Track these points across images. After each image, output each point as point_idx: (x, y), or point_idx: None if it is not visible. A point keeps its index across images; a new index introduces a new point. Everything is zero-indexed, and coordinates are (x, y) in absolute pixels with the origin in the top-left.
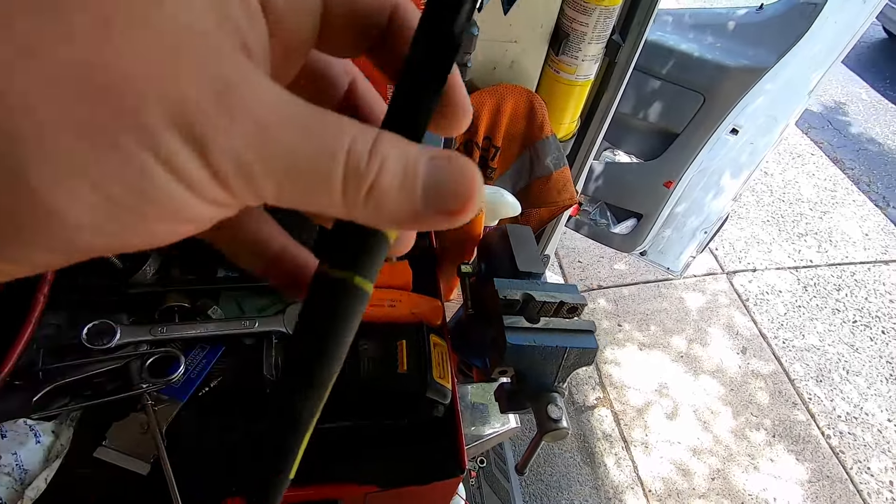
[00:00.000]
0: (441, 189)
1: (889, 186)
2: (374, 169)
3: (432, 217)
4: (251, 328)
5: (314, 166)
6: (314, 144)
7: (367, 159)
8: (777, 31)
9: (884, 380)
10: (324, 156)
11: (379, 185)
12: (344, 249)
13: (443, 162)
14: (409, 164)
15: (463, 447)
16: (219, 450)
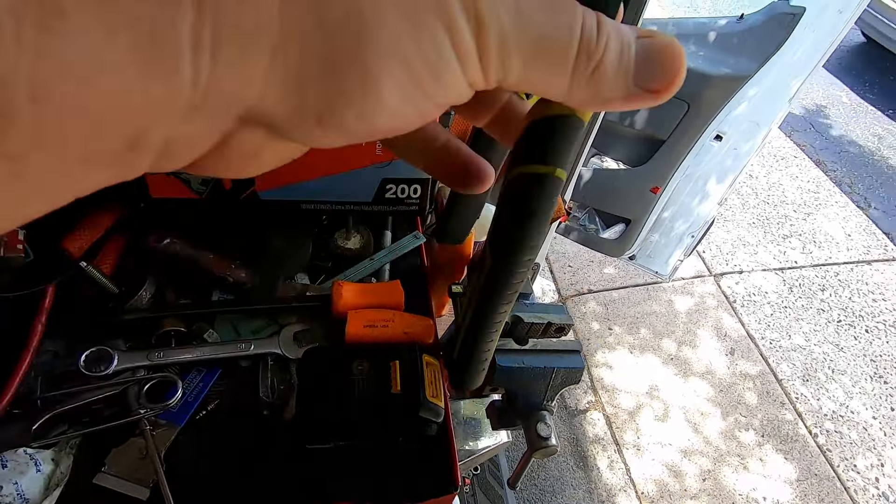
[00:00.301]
0: (650, 68)
1: (870, 187)
2: (602, 47)
3: (641, 95)
4: (247, 351)
5: (556, 45)
6: (557, 24)
7: (595, 38)
8: (758, 40)
9: (868, 378)
10: (564, 35)
11: (602, 65)
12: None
13: (649, 41)
14: (624, 43)
15: (456, 464)
16: (217, 472)
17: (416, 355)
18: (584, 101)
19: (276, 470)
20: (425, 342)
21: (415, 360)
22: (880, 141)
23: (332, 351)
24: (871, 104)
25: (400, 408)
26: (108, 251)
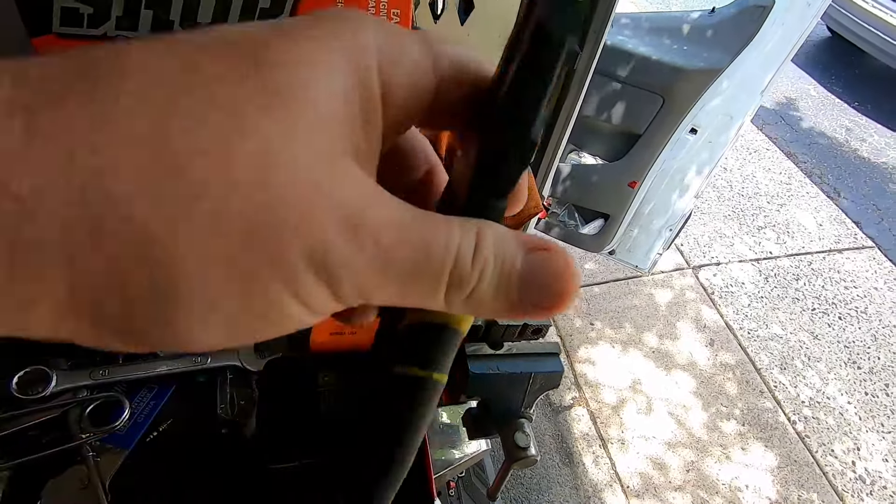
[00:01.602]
0: (536, 288)
1: (839, 178)
2: (476, 276)
3: (527, 311)
4: (203, 364)
5: (424, 280)
6: (425, 260)
7: (469, 268)
8: (729, 33)
9: (842, 364)
10: (433, 270)
11: (477, 291)
12: (422, 351)
13: (538, 258)
14: (505, 267)
15: (431, 479)
16: (170, 500)
17: None
18: (464, 314)
19: (237, 494)
20: None
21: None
22: (848, 132)
23: (296, 362)
24: (838, 97)
25: None
26: None
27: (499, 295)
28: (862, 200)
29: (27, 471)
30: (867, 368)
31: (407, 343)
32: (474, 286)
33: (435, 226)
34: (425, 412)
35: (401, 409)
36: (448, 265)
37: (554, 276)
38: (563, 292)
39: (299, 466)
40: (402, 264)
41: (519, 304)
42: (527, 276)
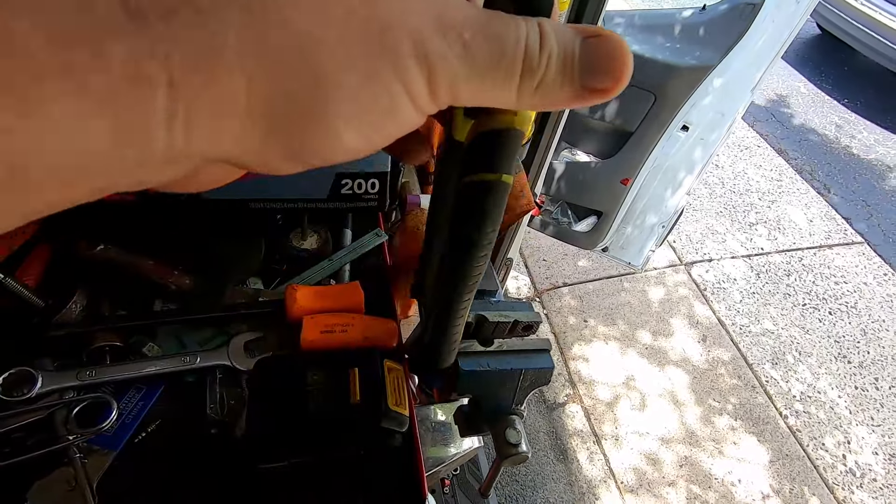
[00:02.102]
0: (596, 68)
1: (829, 174)
2: (544, 63)
3: (588, 95)
4: (192, 364)
5: (501, 72)
6: (501, 52)
7: (537, 55)
8: (720, 30)
9: (833, 358)
10: (508, 60)
11: (546, 78)
12: (489, 156)
13: (593, 42)
14: (567, 52)
15: (423, 477)
16: (158, 501)
17: (377, 361)
18: (532, 107)
19: (226, 494)
20: (387, 346)
21: (375, 367)
22: (838, 129)
23: (286, 360)
24: (828, 94)
25: (360, 419)
26: (32, 261)
27: (564, 80)
28: (852, 196)
29: (13, 473)
30: (857, 363)
31: (474, 152)
32: (543, 73)
33: (506, 22)
34: (495, 214)
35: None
36: (520, 54)
37: (609, 57)
38: (620, 70)
39: (289, 466)
40: (483, 56)
41: (582, 87)
42: (585, 59)
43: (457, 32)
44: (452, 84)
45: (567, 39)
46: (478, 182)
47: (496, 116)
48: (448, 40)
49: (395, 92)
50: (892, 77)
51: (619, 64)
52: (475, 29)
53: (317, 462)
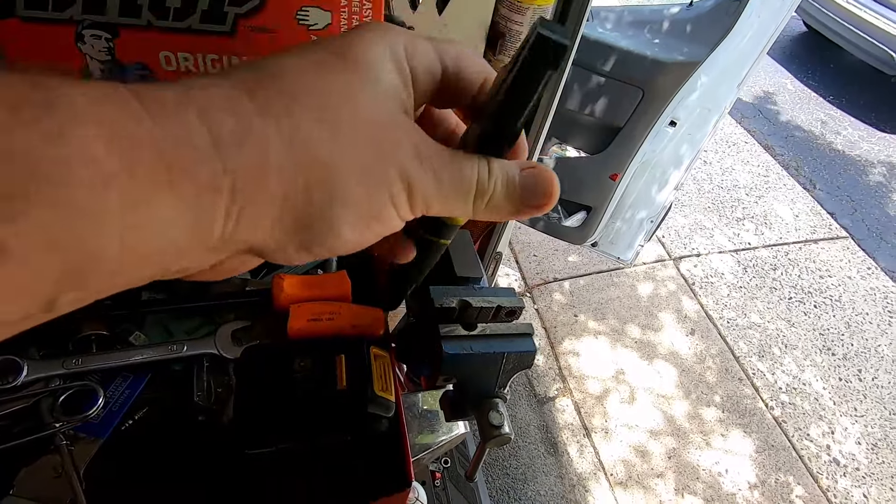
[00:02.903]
0: (531, 192)
1: (815, 170)
2: (491, 188)
3: (527, 210)
4: (179, 352)
5: (460, 194)
6: (460, 180)
7: (487, 183)
8: (707, 26)
9: (818, 351)
10: (465, 186)
11: (493, 199)
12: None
13: (529, 172)
14: (510, 180)
15: (409, 460)
16: (145, 487)
17: (363, 348)
18: (484, 218)
19: (213, 479)
20: (374, 334)
21: (361, 354)
22: (823, 126)
23: (273, 348)
24: (814, 91)
25: (346, 404)
26: None
27: (508, 199)
28: (837, 192)
29: (0, 460)
30: (841, 355)
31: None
32: (491, 195)
33: (463, 159)
34: (433, 258)
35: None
36: (474, 182)
37: (541, 183)
38: (549, 194)
39: (276, 451)
40: (448, 183)
41: (521, 205)
42: (524, 185)
43: (429, 163)
44: (426, 200)
45: (509, 171)
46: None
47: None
48: (423, 168)
49: (384, 205)
50: (876, 74)
51: (549, 188)
52: (442, 162)
53: (304, 447)
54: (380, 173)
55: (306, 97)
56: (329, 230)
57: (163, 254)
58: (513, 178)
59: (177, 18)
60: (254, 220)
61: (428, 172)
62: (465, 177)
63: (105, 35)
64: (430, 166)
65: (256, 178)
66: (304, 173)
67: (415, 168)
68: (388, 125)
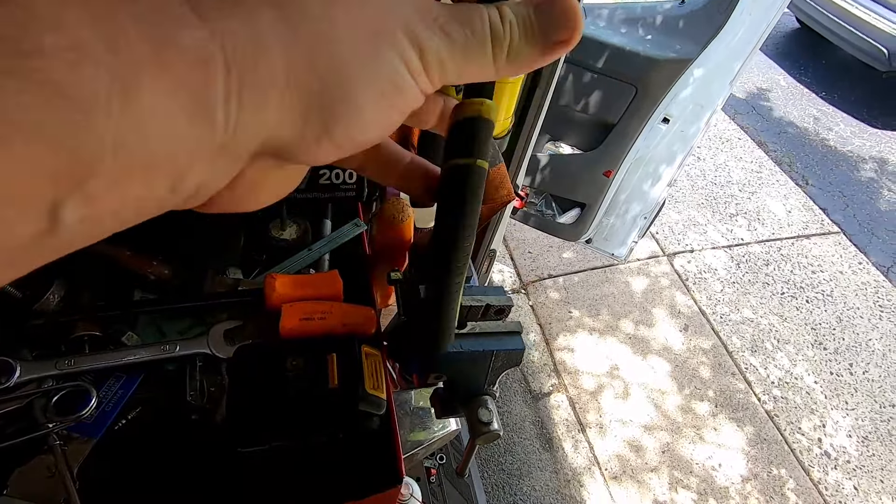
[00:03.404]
0: (552, 24)
1: (807, 166)
2: (507, 33)
3: (553, 49)
4: (172, 353)
5: (476, 46)
6: (472, 33)
7: (500, 28)
8: (699, 23)
9: (809, 345)
10: (479, 36)
11: (513, 45)
12: (463, 143)
13: (545, 4)
14: (525, 19)
15: (400, 457)
16: (139, 486)
17: (355, 347)
18: (512, 72)
19: (206, 478)
20: (366, 333)
21: (353, 352)
22: (816, 122)
23: (265, 348)
24: (807, 87)
25: (338, 402)
26: None
27: (528, 41)
28: (829, 187)
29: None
30: (832, 349)
31: (450, 140)
32: (510, 41)
33: (470, 9)
34: (474, 194)
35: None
36: (487, 29)
37: (561, 12)
38: (573, 20)
39: (269, 449)
40: (458, 35)
41: (545, 43)
42: (542, 20)
43: (434, 19)
44: (440, 62)
45: (522, 10)
46: (454, 166)
47: (467, 106)
48: (430, 27)
49: (399, 70)
50: (868, 70)
51: (571, 15)
52: (448, 17)
53: (296, 445)
54: (386, 35)
55: None
56: (347, 106)
57: (168, 150)
58: (529, 16)
59: None
60: (258, 98)
61: (435, 30)
62: (476, 26)
63: None
64: (434, 22)
65: (249, 45)
66: (302, 39)
67: (420, 27)
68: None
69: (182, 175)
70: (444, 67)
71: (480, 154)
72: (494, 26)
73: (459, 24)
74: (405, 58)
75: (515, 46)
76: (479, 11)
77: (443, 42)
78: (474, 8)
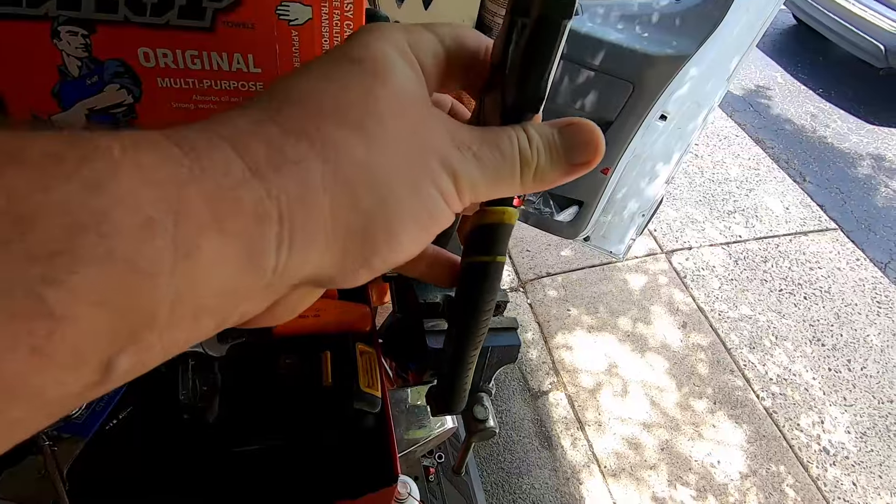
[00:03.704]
0: (576, 149)
1: (805, 162)
2: (535, 156)
3: (576, 170)
4: None
5: (506, 170)
6: (503, 159)
7: (529, 152)
8: (696, 20)
9: (808, 342)
10: (509, 161)
11: (539, 167)
12: (484, 243)
13: (567, 129)
14: (550, 143)
15: (395, 456)
16: (130, 487)
17: (349, 344)
18: (534, 189)
19: (199, 478)
20: (361, 330)
21: (347, 350)
22: (813, 119)
23: (258, 346)
24: (804, 84)
25: (332, 401)
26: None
27: (553, 164)
28: (826, 184)
29: None
30: (831, 345)
31: (474, 240)
32: (536, 163)
33: (499, 134)
34: (493, 286)
35: (474, 287)
36: (516, 154)
37: (583, 137)
38: (594, 144)
39: (262, 449)
40: (489, 160)
41: (568, 165)
42: (566, 144)
43: (467, 147)
44: (472, 185)
45: (547, 133)
46: (477, 263)
47: (489, 214)
48: (463, 153)
49: (435, 199)
50: (865, 67)
51: (593, 139)
52: (479, 143)
53: (290, 444)
54: (422, 167)
55: (332, 110)
56: (386, 238)
57: (218, 297)
58: (553, 140)
59: (154, 14)
60: (306, 243)
61: (468, 156)
62: (505, 151)
63: (81, 31)
64: (468, 149)
65: (301, 199)
66: (348, 184)
67: (455, 154)
68: (417, 118)
69: (229, 315)
70: (476, 190)
71: (500, 252)
72: (523, 150)
73: (491, 150)
74: (440, 187)
75: (542, 167)
76: (507, 135)
77: (475, 167)
78: (503, 131)
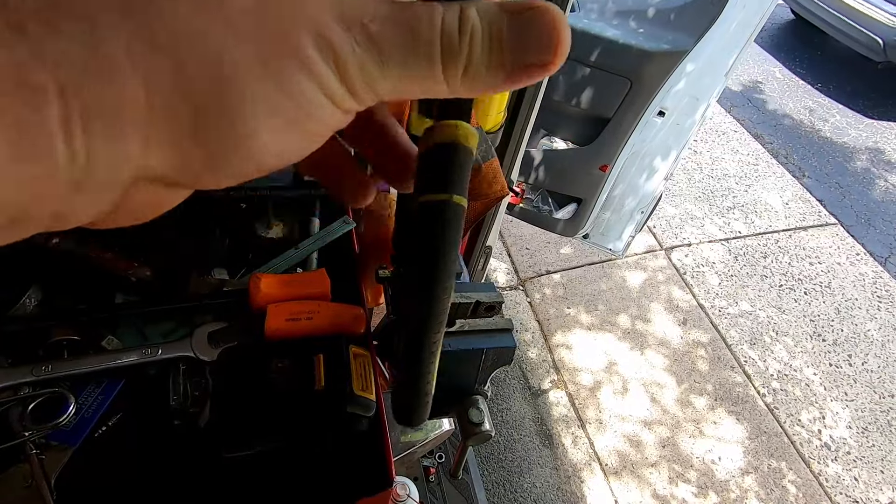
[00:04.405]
0: (531, 42)
1: (803, 157)
2: (466, 46)
3: (524, 75)
4: (154, 356)
5: (418, 58)
6: (413, 39)
7: (457, 37)
8: (693, 15)
9: (808, 337)
10: (424, 46)
11: (472, 62)
12: (437, 176)
13: (525, 15)
14: (493, 30)
15: (390, 459)
16: (120, 495)
17: (342, 347)
18: (466, 94)
19: (191, 484)
20: (355, 333)
21: (341, 353)
22: (811, 113)
23: (250, 350)
24: (802, 79)
25: (325, 404)
26: None
27: (492, 61)
28: (825, 179)
29: None
30: (831, 340)
31: (422, 169)
32: (467, 56)
33: (418, 8)
34: (453, 233)
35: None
36: (436, 37)
37: (542, 29)
38: (554, 43)
39: (254, 454)
40: (392, 43)
41: (513, 67)
42: (516, 35)
43: (360, 23)
44: (367, 77)
45: (492, 17)
46: (427, 204)
47: (439, 130)
48: (352, 32)
49: (307, 88)
50: (863, 61)
51: (553, 32)
52: (383, 19)
53: (282, 449)
54: (283, 43)
55: None
56: (240, 135)
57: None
58: (499, 26)
59: None
60: (112, 132)
61: (359, 35)
62: (420, 33)
63: None
64: (360, 27)
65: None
66: (168, 56)
67: (337, 32)
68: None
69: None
70: (375, 84)
71: (458, 189)
72: (448, 34)
73: (396, 29)
74: (313, 73)
75: (475, 63)
76: (430, 12)
77: (369, 51)
78: (425, 7)
